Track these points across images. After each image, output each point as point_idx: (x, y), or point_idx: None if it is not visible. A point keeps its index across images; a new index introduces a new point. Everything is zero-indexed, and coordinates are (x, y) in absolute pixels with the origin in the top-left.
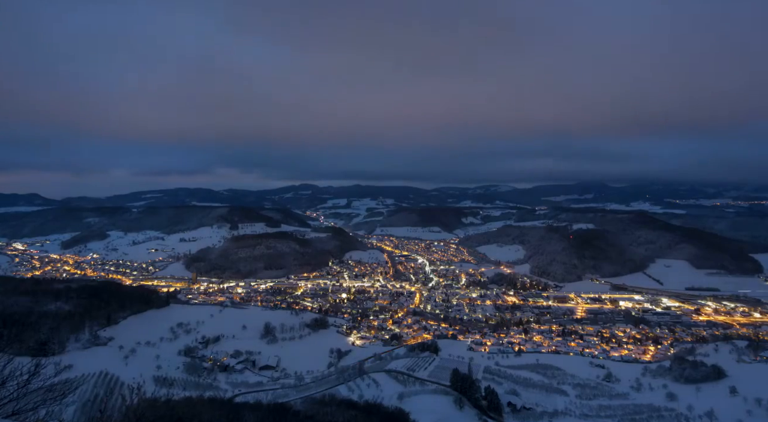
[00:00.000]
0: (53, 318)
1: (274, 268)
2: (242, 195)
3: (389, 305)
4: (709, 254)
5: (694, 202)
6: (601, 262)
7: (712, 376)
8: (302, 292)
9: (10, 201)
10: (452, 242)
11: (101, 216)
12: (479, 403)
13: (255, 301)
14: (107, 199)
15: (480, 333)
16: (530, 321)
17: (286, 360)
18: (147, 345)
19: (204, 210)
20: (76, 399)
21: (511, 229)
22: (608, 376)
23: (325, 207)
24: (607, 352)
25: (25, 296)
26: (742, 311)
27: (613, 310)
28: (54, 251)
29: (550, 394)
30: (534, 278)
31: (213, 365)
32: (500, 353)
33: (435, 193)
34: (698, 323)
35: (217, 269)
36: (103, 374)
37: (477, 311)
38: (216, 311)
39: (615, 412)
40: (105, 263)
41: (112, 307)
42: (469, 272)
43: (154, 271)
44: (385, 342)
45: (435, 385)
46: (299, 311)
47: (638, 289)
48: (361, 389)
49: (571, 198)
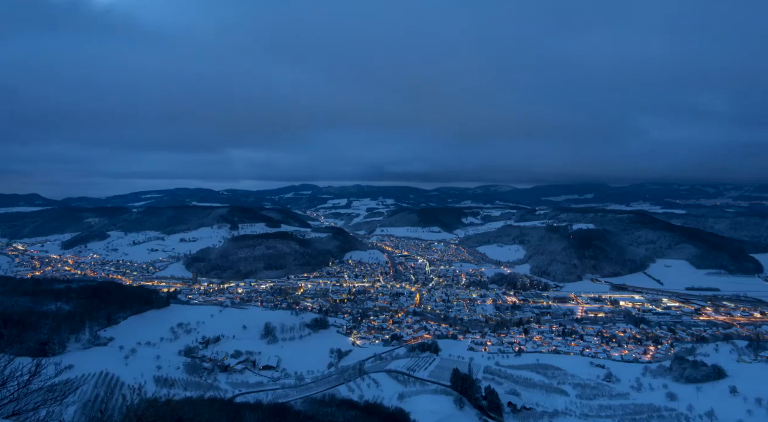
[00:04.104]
0: (53, 318)
1: (274, 268)
2: (242, 195)
3: (389, 305)
4: (709, 254)
5: (694, 202)
6: (601, 262)
7: (713, 376)
8: (302, 292)
9: (10, 201)
10: (452, 242)
11: (101, 216)
12: (479, 403)
13: (255, 301)
14: (107, 199)
15: (480, 333)
16: (530, 321)
17: (287, 360)
18: (147, 345)
19: (204, 210)
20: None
21: (511, 229)
22: (608, 376)
23: (325, 207)
24: (607, 352)
25: (25, 296)
26: (742, 311)
27: (613, 310)
28: (54, 252)
29: (550, 394)
30: (534, 278)
31: (213, 365)
32: (500, 353)
33: (435, 193)
34: (698, 323)
35: (217, 270)
36: (103, 374)
37: (477, 311)
38: (216, 311)
39: (615, 412)
40: (105, 264)
41: (112, 307)
42: (469, 272)
43: (155, 271)
44: (386, 342)
45: (435, 385)
46: (299, 311)
47: (638, 289)
48: (361, 389)
49: (571, 198)
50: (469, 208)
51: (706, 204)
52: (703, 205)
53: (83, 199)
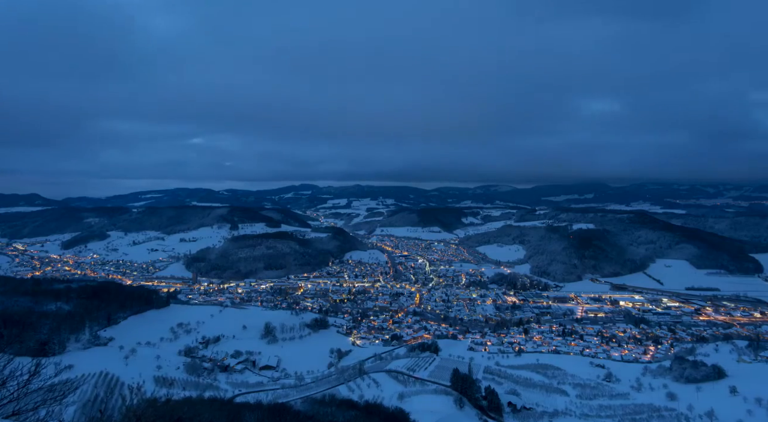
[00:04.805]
0: (53, 318)
1: (274, 268)
2: (242, 195)
3: (389, 305)
4: (709, 254)
5: (694, 202)
6: (601, 262)
7: (713, 376)
8: (302, 292)
9: (10, 201)
10: (452, 242)
11: (101, 216)
12: (479, 403)
13: (255, 301)
14: (107, 199)
15: (480, 333)
16: (530, 321)
17: (287, 360)
18: (147, 345)
19: (204, 210)
20: (77, 399)
21: (511, 229)
22: (608, 376)
23: (325, 207)
24: (607, 352)
25: (25, 296)
26: (742, 311)
27: (613, 310)
28: (54, 252)
29: (550, 394)
30: (534, 278)
31: (213, 365)
32: (500, 353)
33: (435, 193)
34: (698, 323)
35: (217, 270)
36: (103, 374)
37: (477, 311)
38: (216, 311)
39: (615, 412)
40: (105, 264)
41: (112, 307)
42: (469, 272)
43: (155, 271)
44: (386, 342)
45: (435, 385)
46: (299, 311)
47: (638, 289)
48: (361, 389)
49: (571, 198)
50: (469, 208)
51: (706, 204)
52: (703, 205)
53: (83, 199)
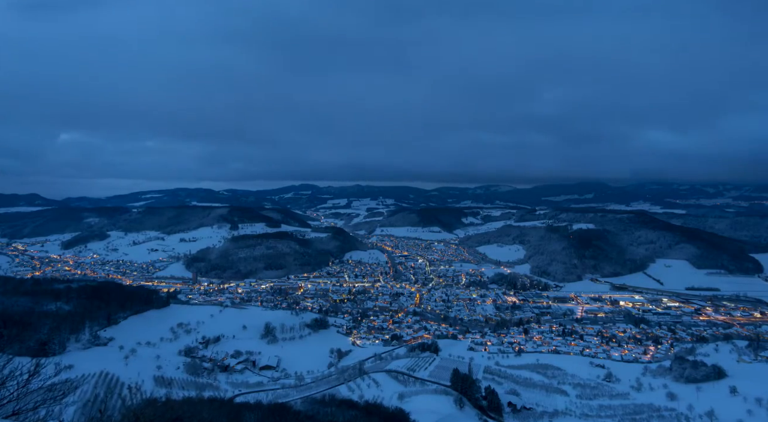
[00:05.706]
0: (53, 318)
1: (274, 268)
2: (242, 195)
3: (389, 305)
4: (709, 254)
5: (694, 202)
6: (601, 262)
7: (713, 376)
8: (302, 292)
9: (10, 201)
10: (452, 242)
11: (101, 216)
12: (479, 403)
13: (255, 301)
14: (107, 199)
15: (480, 333)
16: (530, 321)
17: (287, 360)
18: (147, 345)
19: (204, 210)
20: (77, 399)
21: (511, 229)
22: (608, 376)
23: (325, 207)
24: (607, 352)
25: (25, 296)
26: (742, 311)
27: (613, 310)
28: (54, 252)
29: (550, 394)
30: (534, 278)
31: (213, 365)
32: (500, 353)
33: (435, 193)
34: (698, 323)
35: (217, 270)
36: (103, 374)
37: (477, 311)
38: (216, 311)
39: (615, 412)
40: (105, 264)
41: (112, 307)
42: (469, 272)
43: (155, 271)
44: (386, 342)
45: (435, 385)
46: (299, 311)
47: (638, 289)
48: (361, 389)
49: (571, 198)
50: (469, 208)
51: (706, 204)
52: (703, 205)
53: (83, 199)
